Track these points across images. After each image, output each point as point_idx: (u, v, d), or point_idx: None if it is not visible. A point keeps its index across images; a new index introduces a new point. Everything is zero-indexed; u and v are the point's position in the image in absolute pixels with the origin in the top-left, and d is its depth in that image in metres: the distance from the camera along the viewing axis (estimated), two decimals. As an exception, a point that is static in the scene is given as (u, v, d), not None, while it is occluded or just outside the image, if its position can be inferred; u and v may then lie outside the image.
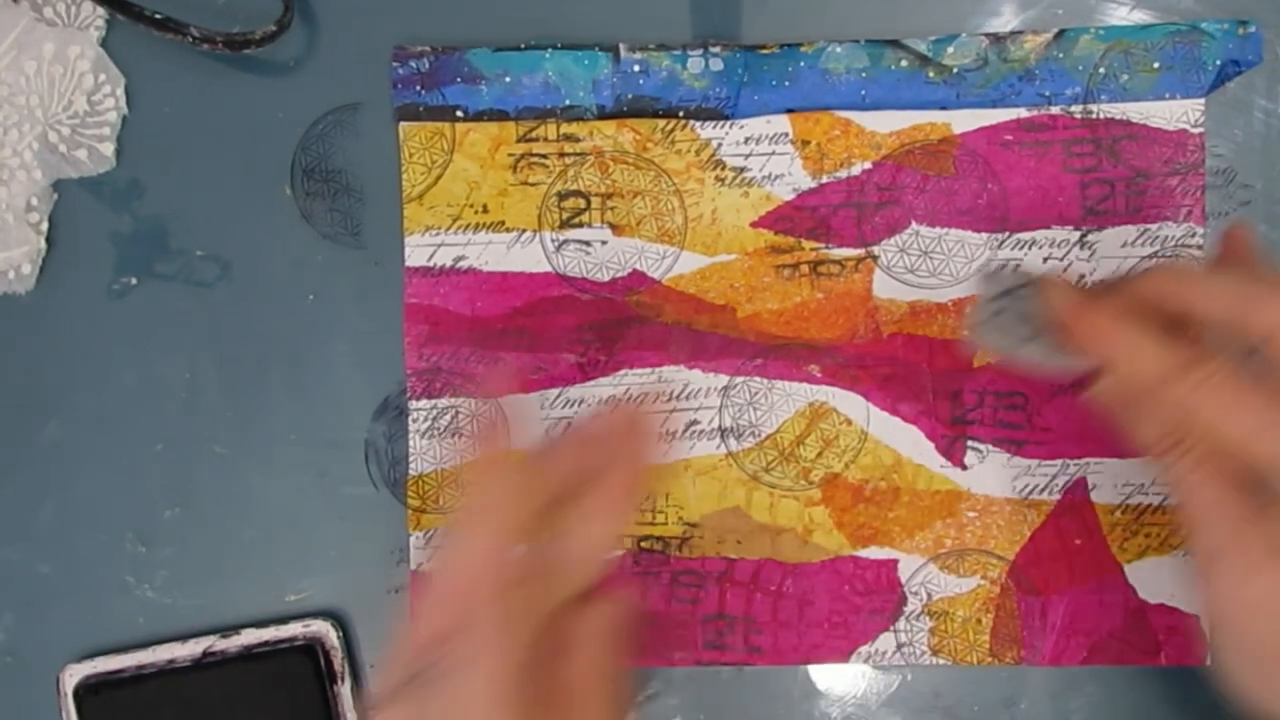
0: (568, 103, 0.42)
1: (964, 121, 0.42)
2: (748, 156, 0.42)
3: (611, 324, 0.43)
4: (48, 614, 0.43)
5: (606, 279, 0.43)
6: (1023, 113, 0.42)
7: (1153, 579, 0.42)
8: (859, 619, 0.42)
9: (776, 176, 0.42)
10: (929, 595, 0.42)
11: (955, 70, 0.42)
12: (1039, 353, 0.36)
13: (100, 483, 0.43)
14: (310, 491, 0.43)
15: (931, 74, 0.42)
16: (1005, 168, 0.42)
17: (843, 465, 0.42)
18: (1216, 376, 0.32)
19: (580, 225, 0.43)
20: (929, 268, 0.42)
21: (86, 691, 0.42)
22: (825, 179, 0.42)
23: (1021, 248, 0.42)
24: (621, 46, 0.42)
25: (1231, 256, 0.37)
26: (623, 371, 0.43)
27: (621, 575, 0.42)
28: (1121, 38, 0.41)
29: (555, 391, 0.43)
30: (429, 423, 0.43)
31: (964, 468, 0.42)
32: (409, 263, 0.43)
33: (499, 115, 0.42)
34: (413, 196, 0.43)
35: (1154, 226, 0.42)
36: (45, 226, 0.43)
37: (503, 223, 0.43)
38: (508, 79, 0.42)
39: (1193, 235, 0.41)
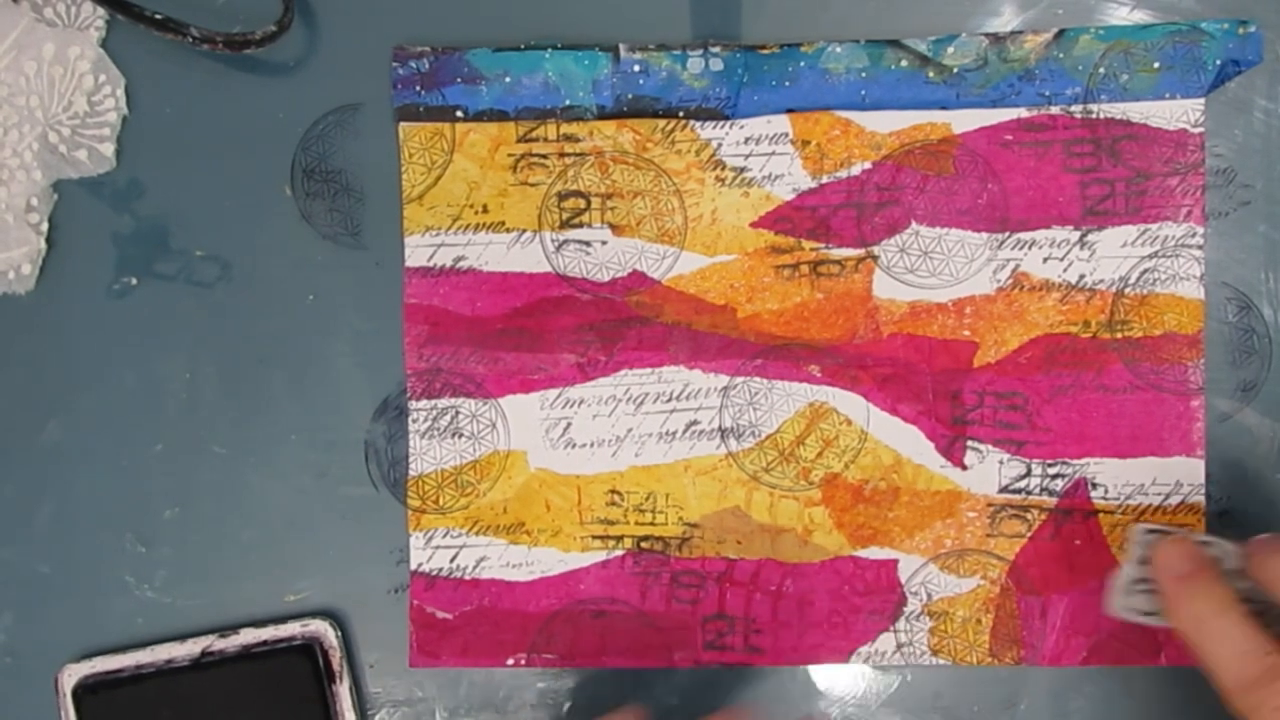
0: (568, 103, 0.42)
1: (964, 121, 0.42)
2: (748, 157, 0.42)
3: (611, 324, 0.43)
4: (47, 614, 0.43)
5: (606, 279, 0.43)
6: (1023, 113, 0.42)
7: (1153, 579, 0.42)
8: (859, 619, 0.42)
9: (776, 176, 0.42)
10: (929, 595, 0.42)
11: (955, 70, 0.42)
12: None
13: (100, 483, 0.43)
14: (310, 491, 0.43)
15: (931, 74, 0.42)
16: (1005, 167, 0.42)
17: (842, 465, 0.42)
18: None
19: (580, 225, 0.43)
20: (929, 268, 0.42)
21: (85, 691, 0.42)
22: (825, 179, 0.42)
23: (1022, 248, 0.42)
24: (621, 47, 0.42)
25: None
26: (623, 372, 0.43)
27: (621, 576, 0.43)
28: (1121, 38, 0.41)
29: (555, 392, 0.43)
30: (429, 423, 0.43)
31: (964, 468, 0.42)
32: (409, 263, 0.43)
33: (499, 115, 0.42)
34: (413, 197, 0.43)
35: (1154, 226, 0.42)
36: (45, 227, 0.43)
37: (503, 223, 0.43)
38: (508, 79, 0.42)
39: (1193, 235, 0.41)
